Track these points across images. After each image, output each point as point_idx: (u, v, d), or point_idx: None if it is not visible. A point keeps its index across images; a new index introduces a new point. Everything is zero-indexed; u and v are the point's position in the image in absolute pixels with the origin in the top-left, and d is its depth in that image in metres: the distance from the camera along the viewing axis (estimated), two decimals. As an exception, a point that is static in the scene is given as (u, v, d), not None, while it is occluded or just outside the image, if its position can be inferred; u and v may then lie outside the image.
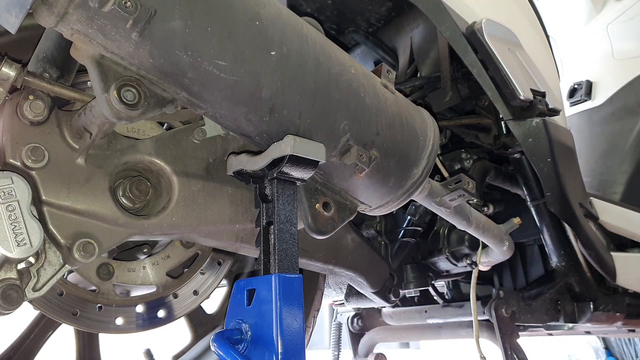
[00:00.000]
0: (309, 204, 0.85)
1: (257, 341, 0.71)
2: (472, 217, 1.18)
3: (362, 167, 0.83)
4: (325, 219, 0.86)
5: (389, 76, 0.93)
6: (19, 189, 0.73)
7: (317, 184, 0.87)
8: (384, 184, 0.91)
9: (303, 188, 0.84)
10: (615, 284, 1.59)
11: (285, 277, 0.72)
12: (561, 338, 4.68)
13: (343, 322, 2.20)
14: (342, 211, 0.90)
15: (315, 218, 0.85)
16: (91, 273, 1.02)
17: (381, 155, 0.86)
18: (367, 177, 0.87)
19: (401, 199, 0.95)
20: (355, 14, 1.56)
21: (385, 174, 0.90)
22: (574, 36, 2.65)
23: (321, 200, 0.86)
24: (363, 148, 0.83)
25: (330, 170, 0.85)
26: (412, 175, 0.93)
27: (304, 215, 0.85)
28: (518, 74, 1.40)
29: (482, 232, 1.22)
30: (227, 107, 0.71)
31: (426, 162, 0.94)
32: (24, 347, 1.12)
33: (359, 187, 0.89)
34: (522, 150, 1.42)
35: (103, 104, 0.69)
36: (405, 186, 0.93)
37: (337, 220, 0.89)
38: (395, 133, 0.88)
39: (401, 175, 0.92)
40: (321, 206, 0.86)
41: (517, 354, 1.45)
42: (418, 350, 5.74)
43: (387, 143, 0.87)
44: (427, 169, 0.95)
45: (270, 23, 0.70)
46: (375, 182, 0.89)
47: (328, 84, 0.77)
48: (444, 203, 1.08)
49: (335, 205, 0.89)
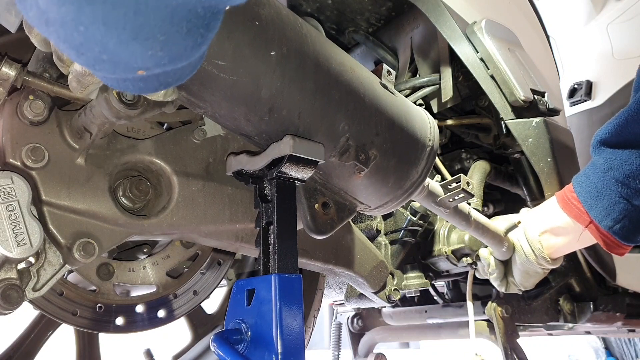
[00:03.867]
0: (308, 204, 0.85)
1: (257, 341, 0.71)
2: (471, 218, 1.18)
3: (362, 167, 0.83)
4: (325, 219, 0.86)
5: (389, 77, 0.93)
6: (19, 189, 0.73)
7: (317, 184, 0.87)
8: (383, 184, 0.91)
9: (302, 188, 0.84)
10: (615, 284, 1.59)
11: (284, 277, 0.72)
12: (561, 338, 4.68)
13: (343, 322, 2.20)
14: (342, 211, 0.90)
15: (315, 218, 0.85)
16: (91, 273, 1.02)
17: (380, 156, 0.86)
18: (367, 178, 0.87)
19: (400, 199, 0.95)
20: (355, 14, 1.56)
21: (385, 174, 0.90)
22: (574, 36, 2.65)
23: (320, 200, 0.86)
24: (362, 148, 0.83)
25: (329, 170, 0.85)
26: (412, 175, 0.93)
27: (303, 215, 0.85)
28: (518, 74, 1.40)
29: (482, 233, 1.22)
30: (226, 106, 0.71)
31: (425, 162, 0.94)
32: (24, 347, 1.12)
33: (359, 187, 0.89)
34: (522, 150, 1.43)
35: (102, 104, 0.69)
36: (404, 186, 0.93)
37: (337, 220, 0.89)
38: (394, 133, 0.89)
39: (400, 175, 0.92)
40: (320, 206, 0.86)
41: (517, 354, 1.45)
42: (418, 350, 5.75)
43: (387, 143, 0.87)
44: (426, 170, 0.95)
45: (269, 23, 0.70)
46: (375, 182, 0.90)
47: (328, 84, 0.77)
48: (443, 203, 1.08)
49: (335, 205, 0.89)
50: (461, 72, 1.48)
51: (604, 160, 1.10)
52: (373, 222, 1.51)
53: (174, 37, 0.46)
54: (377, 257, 1.27)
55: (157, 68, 0.49)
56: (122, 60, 0.46)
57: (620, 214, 1.09)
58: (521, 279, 1.32)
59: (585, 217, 1.14)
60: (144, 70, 0.48)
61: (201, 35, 0.49)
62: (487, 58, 1.38)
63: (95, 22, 0.42)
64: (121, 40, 0.44)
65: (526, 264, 1.27)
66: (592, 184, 1.12)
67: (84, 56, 0.46)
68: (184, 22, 0.46)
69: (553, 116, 1.46)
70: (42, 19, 0.43)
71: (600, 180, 1.10)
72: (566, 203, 1.18)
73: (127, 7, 0.42)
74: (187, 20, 0.46)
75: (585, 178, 1.14)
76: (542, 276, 1.32)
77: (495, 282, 1.36)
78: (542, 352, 4.68)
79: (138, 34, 0.44)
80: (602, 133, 1.11)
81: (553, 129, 1.43)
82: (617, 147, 1.08)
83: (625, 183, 1.06)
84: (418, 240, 1.49)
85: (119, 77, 0.50)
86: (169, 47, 0.47)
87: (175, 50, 0.48)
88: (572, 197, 1.16)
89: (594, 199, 1.11)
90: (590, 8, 2.56)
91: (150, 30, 0.44)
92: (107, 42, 0.44)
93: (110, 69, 0.48)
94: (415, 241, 1.48)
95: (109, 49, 0.44)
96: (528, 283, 1.33)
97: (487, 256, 1.34)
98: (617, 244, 1.14)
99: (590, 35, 2.57)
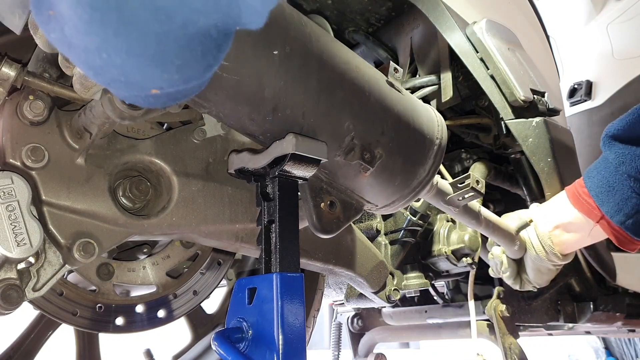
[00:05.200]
0: (314, 203, 0.84)
1: (258, 340, 0.71)
2: (481, 216, 1.17)
3: (367, 166, 0.83)
4: (331, 218, 0.85)
5: (396, 75, 0.92)
6: (19, 189, 0.73)
7: (323, 183, 0.86)
8: (390, 183, 0.90)
9: (308, 187, 0.84)
10: (615, 284, 1.59)
11: (286, 276, 0.72)
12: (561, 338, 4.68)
13: (343, 322, 2.20)
14: (348, 210, 0.89)
15: (321, 217, 0.84)
16: (91, 273, 1.02)
17: (387, 154, 0.86)
18: (373, 177, 0.87)
19: (408, 197, 0.94)
20: (355, 14, 1.56)
21: (391, 173, 0.89)
22: (574, 36, 2.65)
23: (326, 200, 0.85)
24: (368, 147, 0.83)
25: (335, 169, 0.84)
26: (419, 174, 0.92)
27: (308, 215, 0.84)
28: (518, 74, 1.40)
29: (493, 231, 1.20)
30: (230, 106, 0.71)
31: (433, 160, 0.93)
32: (24, 347, 1.12)
33: (365, 187, 0.89)
34: (522, 150, 1.42)
35: (106, 104, 0.69)
36: (411, 185, 0.92)
37: (343, 220, 0.88)
38: (401, 132, 0.88)
39: (408, 174, 0.91)
40: (326, 205, 0.85)
41: (517, 354, 1.45)
42: (418, 350, 5.75)
43: (393, 142, 0.86)
44: (434, 168, 0.94)
45: (273, 22, 0.70)
46: (382, 181, 0.89)
47: (332, 83, 0.77)
48: (452, 202, 1.07)
49: (341, 205, 0.88)
50: (461, 72, 1.48)
51: (615, 155, 1.09)
52: (373, 222, 1.51)
53: (189, 61, 0.48)
54: (377, 257, 1.27)
55: (170, 88, 0.50)
56: (138, 82, 0.47)
57: (633, 209, 1.09)
58: (534, 276, 1.31)
59: (596, 213, 1.14)
60: (157, 90, 0.49)
61: (214, 57, 0.50)
62: (487, 58, 1.38)
63: (119, 52, 0.44)
64: (140, 66, 0.45)
65: (537, 261, 1.26)
66: (604, 179, 1.11)
67: (101, 76, 0.47)
68: (199, 47, 0.47)
69: (553, 116, 1.46)
70: (65, 42, 0.44)
71: (612, 175, 1.09)
72: (577, 198, 1.17)
73: (150, 38, 0.43)
74: (202, 44, 0.47)
75: (596, 173, 1.13)
76: (555, 273, 1.31)
77: (509, 280, 1.35)
78: (542, 352, 4.68)
79: (157, 60, 0.45)
80: (613, 128, 1.11)
81: (553, 128, 1.43)
82: (629, 142, 1.08)
83: (638, 178, 1.06)
84: (418, 240, 1.49)
85: (132, 94, 0.51)
86: (184, 70, 0.48)
87: (189, 73, 0.49)
88: (583, 192, 1.15)
89: (606, 194, 1.11)
90: (590, 8, 2.56)
91: (168, 57, 0.46)
92: (126, 67, 0.45)
93: (125, 89, 0.49)
94: (415, 241, 1.48)
95: (127, 72, 0.46)
96: (541, 280, 1.32)
97: (500, 254, 1.33)
98: (629, 240, 1.13)
99: (590, 35, 2.56)
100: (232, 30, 0.49)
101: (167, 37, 0.44)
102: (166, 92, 0.51)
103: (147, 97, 0.51)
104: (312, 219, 0.83)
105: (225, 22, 0.47)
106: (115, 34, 0.42)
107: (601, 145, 1.13)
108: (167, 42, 0.44)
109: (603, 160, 1.13)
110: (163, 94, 0.51)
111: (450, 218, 1.48)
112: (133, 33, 0.43)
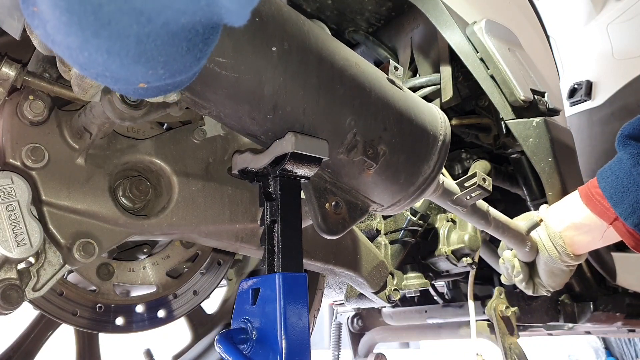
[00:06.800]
0: (319, 204, 0.83)
1: (262, 341, 0.70)
2: (490, 216, 1.15)
3: (371, 163, 0.82)
4: (336, 219, 0.85)
5: (396, 72, 0.92)
6: (19, 189, 0.73)
7: (327, 183, 0.85)
8: (394, 181, 0.89)
9: (312, 188, 0.83)
10: (615, 284, 1.59)
11: (289, 276, 0.72)
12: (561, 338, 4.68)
13: (343, 322, 2.20)
14: (354, 211, 0.88)
15: (326, 218, 0.83)
16: (91, 273, 1.02)
17: (390, 151, 0.85)
18: (377, 174, 0.86)
19: (413, 196, 0.93)
20: (355, 14, 1.56)
21: (396, 170, 0.88)
22: (574, 36, 2.65)
23: (331, 200, 0.85)
24: (370, 144, 0.82)
25: (338, 168, 0.84)
26: (424, 170, 0.91)
27: (313, 216, 0.83)
28: (518, 74, 1.40)
29: (502, 232, 1.18)
30: (230, 105, 0.71)
31: (437, 157, 0.92)
32: (24, 347, 1.12)
33: (369, 185, 0.88)
34: (522, 150, 1.42)
35: (106, 105, 0.69)
36: (416, 183, 0.92)
37: (348, 220, 0.87)
38: (403, 128, 0.87)
39: (412, 171, 0.90)
40: (331, 206, 0.84)
41: (517, 354, 1.45)
42: (418, 350, 5.75)
43: (396, 138, 0.86)
44: (438, 165, 0.93)
45: (270, 19, 0.70)
46: (386, 179, 0.88)
47: (332, 80, 0.77)
48: (459, 201, 1.06)
49: (346, 205, 0.87)
50: (461, 72, 1.48)
51: (630, 156, 1.06)
52: (373, 222, 1.51)
53: (174, 57, 0.47)
54: (377, 257, 1.27)
55: (157, 82, 0.50)
56: (123, 78, 0.47)
57: None
58: (547, 279, 1.28)
59: (610, 214, 1.11)
60: (145, 84, 0.49)
61: (200, 51, 0.50)
62: (487, 58, 1.38)
63: (99, 51, 0.44)
64: (123, 64, 0.45)
65: (550, 263, 1.23)
66: (618, 179, 1.08)
67: (87, 71, 0.47)
68: (183, 43, 0.47)
69: (553, 116, 1.46)
70: (49, 39, 0.45)
71: (627, 176, 1.07)
72: (590, 199, 1.15)
73: (129, 39, 0.43)
74: (187, 40, 0.47)
75: (610, 173, 1.11)
76: (569, 274, 1.27)
77: (521, 284, 1.32)
78: (542, 352, 4.68)
79: (139, 59, 0.45)
80: (629, 128, 1.08)
81: (553, 128, 1.43)
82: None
83: None
84: (418, 240, 1.49)
85: (121, 87, 0.51)
86: (169, 65, 0.48)
87: (175, 67, 0.49)
88: (597, 192, 1.13)
89: (620, 195, 1.08)
90: (590, 8, 2.56)
91: (151, 55, 0.46)
92: (109, 65, 0.45)
93: (112, 83, 0.49)
94: (415, 241, 1.48)
95: (111, 69, 0.46)
96: (555, 283, 1.29)
97: (511, 258, 1.30)
98: None
99: (590, 35, 2.57)
100: (219, 24, 0.49)
101: (148, 37, 0.44)
102: (154, 85, 0.51)
103: (136, 90, 0.52)
104: (318, 220, 0.82)
105: (209, 19, 0.47)
106: (95, 35, 0.42)
107: (616, 145, 1.11)
108: (148, 41, 0.44)
109: (617, 161, 1.11)
110: (151, 87, 0.51)
111: (451, 218, 1.48)
112: (113, 35, 0.42)
